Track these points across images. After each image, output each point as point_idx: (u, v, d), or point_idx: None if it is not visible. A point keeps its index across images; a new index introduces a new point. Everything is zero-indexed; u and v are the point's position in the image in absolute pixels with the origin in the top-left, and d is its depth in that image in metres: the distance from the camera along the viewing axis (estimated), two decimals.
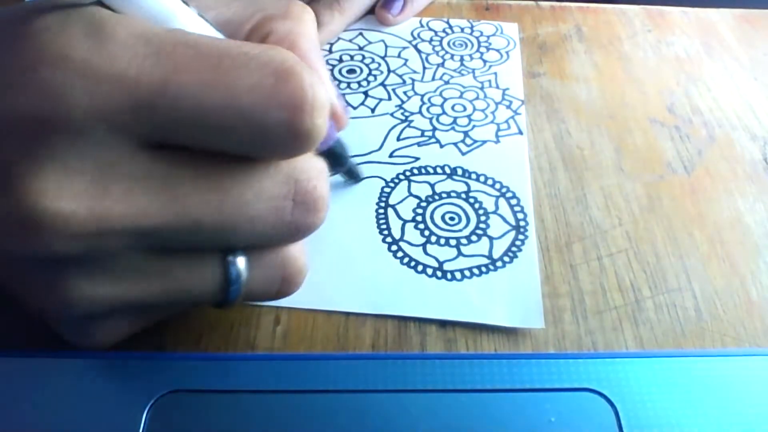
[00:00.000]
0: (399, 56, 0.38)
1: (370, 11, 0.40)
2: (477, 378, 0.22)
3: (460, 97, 0.35)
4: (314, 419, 0.21)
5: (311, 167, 0.20)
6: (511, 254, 0.27)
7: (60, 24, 0.17)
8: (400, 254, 0.27)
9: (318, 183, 0.20)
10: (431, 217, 0.29)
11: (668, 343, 0.24)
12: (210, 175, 0.19)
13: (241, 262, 0.20)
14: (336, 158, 0.26)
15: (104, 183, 0.17)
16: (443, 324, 0.25)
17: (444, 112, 0.34)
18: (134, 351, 0.22)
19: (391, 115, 0.34)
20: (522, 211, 0.29)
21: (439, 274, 0.26)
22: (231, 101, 0.17)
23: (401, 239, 0.28)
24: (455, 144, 0.32)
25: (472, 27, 0.40)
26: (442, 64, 0.37)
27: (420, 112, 0.34)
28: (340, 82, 0.36)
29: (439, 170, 0.31)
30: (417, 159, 0.31)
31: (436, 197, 0.30)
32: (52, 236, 0.17)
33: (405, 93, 0.35)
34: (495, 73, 0.36)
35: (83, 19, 0.17)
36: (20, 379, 0.21)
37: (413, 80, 0.36)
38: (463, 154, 0.32)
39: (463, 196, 0.30)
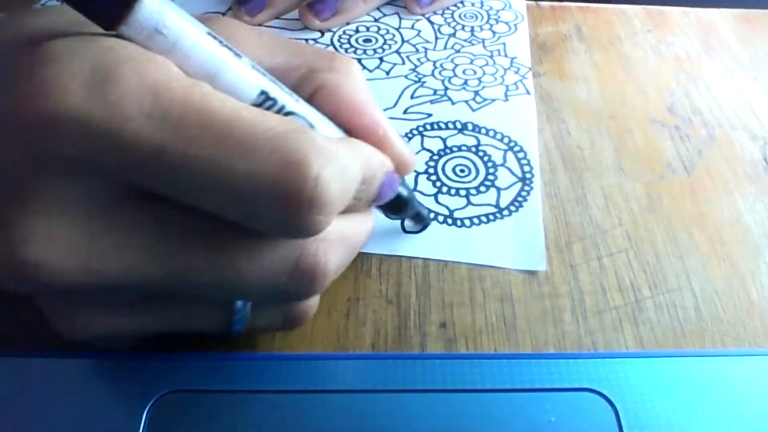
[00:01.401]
0: (413, 27, 0.40)
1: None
2: (477, 378, 0.22)
3: (471, 63, 0.37)
4: (314, 419, 0.21)
5: (321, 239, 0.19)
6: (517, 204, 0.29)
7: (68, 57, 0.16)
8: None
9: (324, 258, 0.19)
10: (443, 169, 0.30)
11: (668, 343, 0.24)
12: (206, 235, 0.18)
13: (244, 305, 0.20)
14: (396, 207, 0.24)
15: (95, 233, 0.17)
16: (443, 324, 0.25)
17: (455, 75, 0.36)
18: (134, 351, 0.22)
19: (405, 77, 0.36)
20: (528, 164, 0.31)
21: (449, 221, 0.28)
22: (227, 183, 0.16)
23: (414, 189, 0.29)
24: (466, 102, 0.34)
25: (482, 1, 0.42)
26: (454, 35, 0.39)
27: (432, 75, 0.36)
28: (356, 49, 0.38)
29: (450, 125, 0.33)
30: (429, 115, 0.33)
31: (448, 151, 0.31)
32: (38, 282, 0.17)
33: (418, 59, 0.37)
34: (504, 43, 0.38)
35: (93, 56, 0.16)
36: (20, 379, 0.21)
37: (426, 49, 0.38)
38: (474, 110, 0.34)
39: (473, 149, 0.31)
